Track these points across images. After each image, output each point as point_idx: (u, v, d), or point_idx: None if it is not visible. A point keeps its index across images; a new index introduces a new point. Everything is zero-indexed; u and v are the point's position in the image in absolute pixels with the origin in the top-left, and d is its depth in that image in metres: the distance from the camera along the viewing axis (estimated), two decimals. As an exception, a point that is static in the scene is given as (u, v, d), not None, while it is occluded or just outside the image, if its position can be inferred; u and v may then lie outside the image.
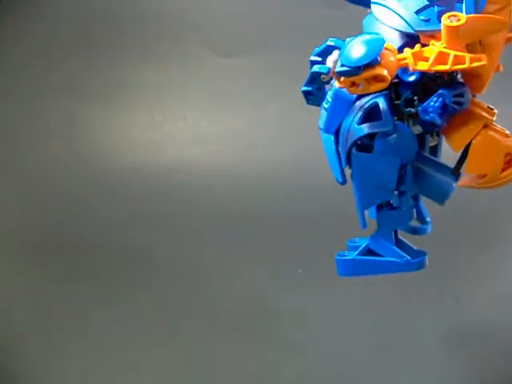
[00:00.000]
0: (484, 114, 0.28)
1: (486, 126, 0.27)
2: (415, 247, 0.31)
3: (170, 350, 0.46)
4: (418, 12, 0.27)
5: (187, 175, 0.78)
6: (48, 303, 0.52)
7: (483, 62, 0.25)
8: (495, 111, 0.28)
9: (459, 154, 0.28)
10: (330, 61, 0.28)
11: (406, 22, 0.27)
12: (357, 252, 0.31)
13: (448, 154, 0.30)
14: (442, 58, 0.25)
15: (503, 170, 0.28)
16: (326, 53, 0.30)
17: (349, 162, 0.30)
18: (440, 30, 0.26)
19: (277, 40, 0.85)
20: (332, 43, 0.30)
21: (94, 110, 0.85)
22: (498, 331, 0.49)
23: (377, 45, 0.26)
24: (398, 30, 0.28)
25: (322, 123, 0.32)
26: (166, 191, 0.75)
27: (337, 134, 0.31)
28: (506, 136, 0.28)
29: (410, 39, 0.27)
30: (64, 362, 0.45)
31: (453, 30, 0.25)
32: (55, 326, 0.49)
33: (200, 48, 0.87)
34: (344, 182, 0.32)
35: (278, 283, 0.56)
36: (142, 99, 0.87)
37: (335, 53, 0.29)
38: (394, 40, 0.27)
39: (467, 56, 0.25)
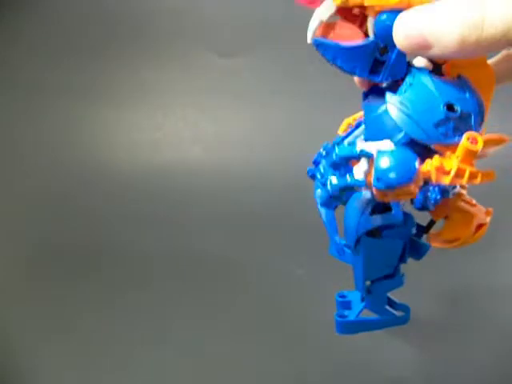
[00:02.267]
0: (461, 190, 0.31)
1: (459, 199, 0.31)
2: (398, 301, 0.37)
3: (171, 351, 0.46)
4: (436, 125, 0.29)
5: (187, 175, 0.78)
6: (48, 303, 0.52)
7: (492, 179, 0.29)
8: (466, 185, 0.31)
9: None
10: (360, 171, 0.29)
11: (427, 134, 0.29)
12: (356, 314, 0.36)
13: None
14: (459, 172, 0.28)
15: (475, 232, 0.31)
16: (347, 159, 0.30)
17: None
18: (454, 143, 0.28)
19: (277, 40, 0.85)
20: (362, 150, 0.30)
21: (94, 110, 0.85)
22: (496, 327, 0.49)
23: (412, 164, 0.28)
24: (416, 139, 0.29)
25: (319, 198, 0.35)
26: (165, 191, 0.75)
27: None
28: (475, 206, 0.31)
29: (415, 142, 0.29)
30: (64, 361, 0.45)
31: (472, 152, 0.28)
32: (55, 325, 0.49)
33: (200, 48, 0.87)
34: (341, 258, 0.36)
35: (278, 283, 0.56)
36: (141, 99, 0.87)
37: (363, 163, 0.29)
38: (398, 137, 0.29)
39: (480, 173, 0.28)
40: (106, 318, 0.50)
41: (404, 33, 0.27)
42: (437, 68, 0.30)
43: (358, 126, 0.36)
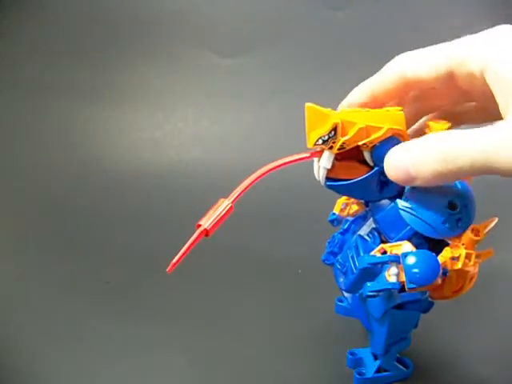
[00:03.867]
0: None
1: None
2: (404, 358, 0.43)
3: (171, 350, 0.46)
4: (444, 222, 0.34)
5: (187, 175, 0.78)
6: (48, 302, 0.52)
7: (491, 255, 0.36)
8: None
9: None
10: (392, 275, 0.34)
11: (437, 231, 0.34)
12: (372, 372, 0.41)
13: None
14: (467, 256, 0.34)
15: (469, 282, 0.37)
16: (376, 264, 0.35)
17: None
18: (457, 233, 0.35)
19: (277, 40, 0.85)
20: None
21: (94, 110, 0.86)
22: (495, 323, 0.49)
23: (437, 263, 0.33)
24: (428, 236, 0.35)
25: (343, 285, 0.40)
26: (165, 191, 0.75)
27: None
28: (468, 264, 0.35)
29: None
30: (64, 361, 0.45)
31: (475, 241, 0.35)
32: (55, 325, 0.49)
33: (200, 48, 0.87)
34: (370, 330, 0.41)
35: (278, 283, 0.56)
36: (142, 99, 0.87)
37: (393, 267, 0.34)
38: (406, 229, 0.35)
39: (481, 254, 0.35)
40: (106, 317, 0.50)
41: (393, 170, 0.32)
42: None
43: (356, 219, 0.42)
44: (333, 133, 0.34)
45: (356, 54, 0.82)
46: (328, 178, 0.35)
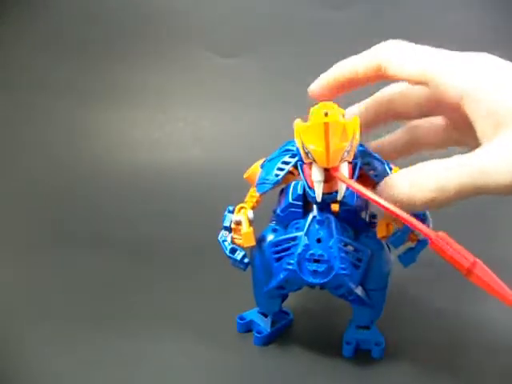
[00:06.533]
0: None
1: None
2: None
3: (171, 350, 0.46)
4: None
5: (187, 175, 0.78)
6: (48, 302, 0.52)
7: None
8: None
9: None
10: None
11: None
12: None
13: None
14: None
15: None
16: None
17: None
18: None
19: (277, 40, 0.86)
20: None
21: (95, 111, 0.86)
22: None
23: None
24: None
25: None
26: (165, 191, 0.75)
27: None
28: None
29: None
30: (64, 362, 0.45)
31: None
32: (55, 325, 0.49)
33: (200, 48, 0.87)
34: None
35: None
36: (142, 99, 0.87)
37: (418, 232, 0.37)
38: None
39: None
40: (106, 318, 0.50)
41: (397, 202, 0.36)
42: None
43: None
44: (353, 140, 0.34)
45: (356, 54, 0.82)
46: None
